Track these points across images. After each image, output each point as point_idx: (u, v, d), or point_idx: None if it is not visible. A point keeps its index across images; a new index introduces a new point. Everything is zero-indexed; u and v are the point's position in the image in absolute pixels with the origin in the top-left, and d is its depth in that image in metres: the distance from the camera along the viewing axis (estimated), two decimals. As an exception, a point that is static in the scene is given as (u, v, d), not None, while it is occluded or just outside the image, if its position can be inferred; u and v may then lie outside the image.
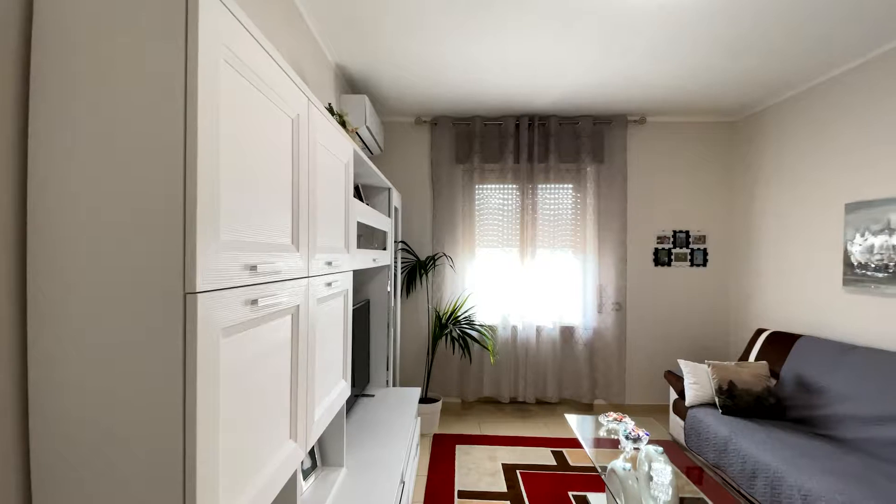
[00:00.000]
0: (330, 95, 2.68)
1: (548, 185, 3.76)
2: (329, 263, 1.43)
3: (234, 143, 0.81)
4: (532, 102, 3.40)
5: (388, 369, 2.80)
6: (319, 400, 1.35)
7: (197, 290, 0.69)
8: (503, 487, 2.47)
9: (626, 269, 3.77)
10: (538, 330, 3.71)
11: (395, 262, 3.10)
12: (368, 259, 2.18)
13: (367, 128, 2.81)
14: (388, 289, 2.84)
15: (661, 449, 2.08)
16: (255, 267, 0.88)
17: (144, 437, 0.69)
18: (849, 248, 2.71)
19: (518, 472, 2.66)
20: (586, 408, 3.79)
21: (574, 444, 3.09)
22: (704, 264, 3.85)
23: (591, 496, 2.39)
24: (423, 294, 3.77)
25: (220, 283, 0.75)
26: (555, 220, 3.77)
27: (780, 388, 2.79)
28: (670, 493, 1.86)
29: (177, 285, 0.68)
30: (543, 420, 3.52)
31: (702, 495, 2.31)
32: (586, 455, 2.91)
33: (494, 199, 3.77)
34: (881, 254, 2.51)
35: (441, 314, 3.36)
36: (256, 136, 0.90)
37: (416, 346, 3.78)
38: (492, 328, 3.39)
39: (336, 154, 1.54)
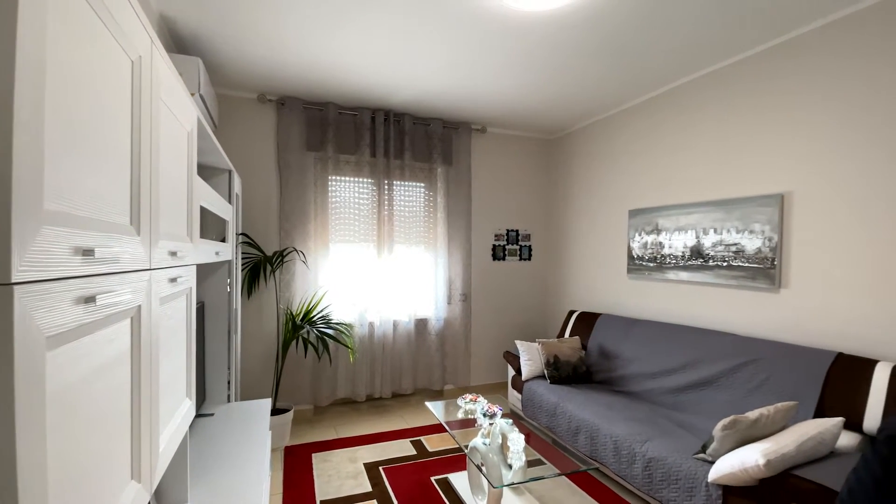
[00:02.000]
0: (149, 50, 2.16)
1: (403, 183, 3.81)
2: (173, 254, 1.15)
3: (63, 77, 0.57)
4: (389, 98, 3.39)
5: (229, 383, 2.42)
6: (164, 426, 1.07)
7: (12, 281, 0.46)
8: (368, 487, 2.40)
9: (471, 263, 4.10)
10: (395, 324, 3.73)
11: (237, 258, 2.70)
12: (211, 252, 1.84)
13: (201, 96, 2.36)
14: (229, 288, 2.45)
15: (510, 421, 2.33)
16: (92, 251, 0.64)
17: None
18: (631, 244, 3.50)
19: (381, 468, 2.62)
20: (437, 394, 3.99)
21: (430, 430, 3.20)
22: (530, 258, 4.46)
23: (451, 477, 2.52)
24: (268, 294, 3.38)
25: (42, 271, 0.52)
26: (410, 217, 3.85)
27: (588, 357, 3.42)
28: (523, 458, 2.08)
29: (-25, 272, 0.45)
30: (400, 413, 3.55)
31: (538, 455, 2.66)
32: (442, 440, 3.06)
33: (350, 192, 3.63)
34: (651, 249, 3.31)
35: (294, 314, 3.06)
36: (91, 74, 0.66)
37: (260, 353, 3.37)
38: (349, 326, 3.25)
39: (180, 119, 1.25)
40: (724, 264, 2.73)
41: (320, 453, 2.80)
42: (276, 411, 2.93)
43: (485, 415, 2.33)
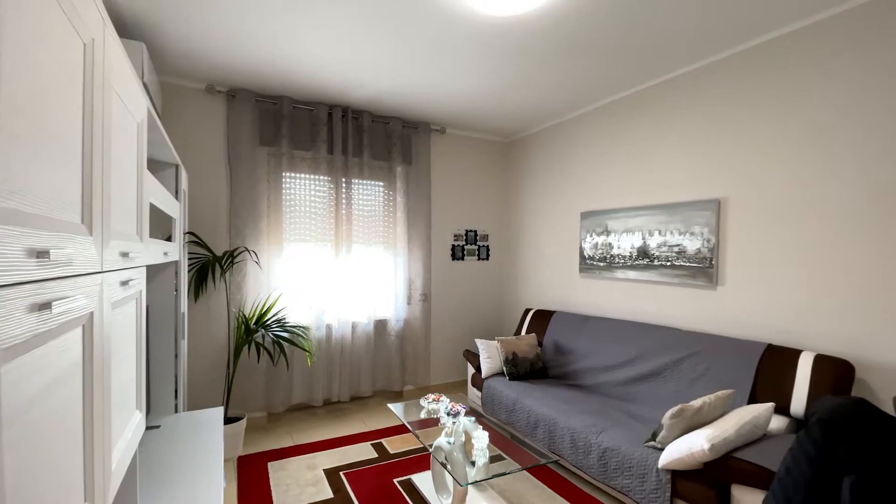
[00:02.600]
0: (84, 31, 1.97)
1: (362, 181, 3.74)
2: (125, 255, 1.06)
3: (13, 62, 0.52)
4: (348, 94, 3.31)
5: (176, 392, 2.26)
6: (116, 442, 0.99)
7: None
8: (329, 493, 2.34)
9: (430, 262, 4.11)
10: (354, 326, 3.65)
11: (184, 259, 2.53)
12: (160, 252, 1.71)
13: (145, 85, 2.19)
14: (175, 291, 2.29)
15: (473, 419, 2.36)
16: (47, 253, 0.58)
17: None
18: (583, 245, 3.66)
19: (341, 473, 2.56)
20: (397, 395, 3.96)
21: (391, 432, 3.17)
22: (488, 258, 4.54)
23: (414, 477, 2.51)
24: (218, 296, 3.19)
25: (-4, 276, 0.47)
26: (369, 216, 3.79)
27: (544, 354, 3.54)
28: (487, 455, 2.12)
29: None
30: (359, 416, 3.49)
31: (499, 451, 2.71)
32: (403, 441, 3.04)
33: (306, 189, 3.50)
34: (601, 249, 3.48)
35: (248, 318, 2.91)
36: (42, 58, 0.60)
37: (209, 359, 3.17)
38: (306, 329, 3.14)
39: (130, 108, 1.16)
40: (668, 264, 2.93)
41: (277, 462, 2.69)
42: (227, 420, 2.78)
43: (448, 414, 2.34)
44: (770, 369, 2.20)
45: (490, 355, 3.40)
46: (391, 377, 3.86)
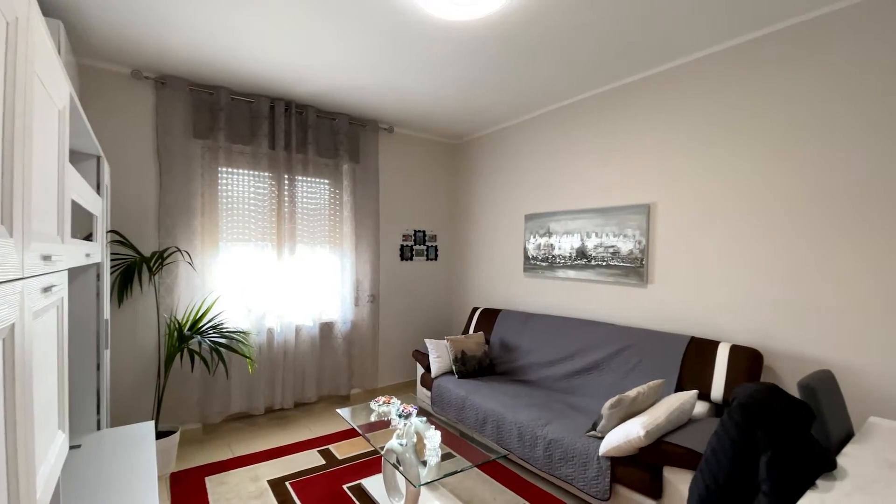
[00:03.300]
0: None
1: (306, 178, 3.60)
2: (47, 258, 0.96)
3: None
4: (292, 88, 3.18)
5: (98, 407, 2.05)
6: (39, 467, 0.88)
7: None
8: (274, 505, 2.24)
9: (379, 263, 4.06)
10: (298, 329, 3.51)
11: (106, 260, 2.29)
12: (81, 254, 1.55)
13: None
14: (97, 296, 2.07)
15: (424, 419, 2.38)
16: (-29, 260, 0.52)
17: None
18: (527, 245, 3.80)
19: (287, 483, 2.46)
20: (344, 400, 3.87)
21: (339, 437, 3.10)
22: (436, 258, 4.58)
23: (364, 482, 2.47)
24: (145, 301, 2.92)
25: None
26: (314, 215, 3.66)
27: (491, 351, 3.64)
28: (439, 454, 2.14)
29: None
30: (304, 422, 3.36)
31: (449, 450, 2.75)
32: (352, 446, 2.98)
33: (246, 186, 3.31)
34: (544, 250, 3.64)
35: (181, 323, 2.70)
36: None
37: (136, 369, 2.89)
38: (246, 334, 2.97)
39: (52, 94, 1.04)
40: (604, 263, 3.13)
41: (215, 476, 2.52)
42: (158, 434, 2.56)
43: (400, 415, 2.34)
44: (693, 359, 2.43)
45: (439, 355, 3.43)
46: (338, 381, 3.76)
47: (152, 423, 2.02)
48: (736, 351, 2.28)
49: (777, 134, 2.28)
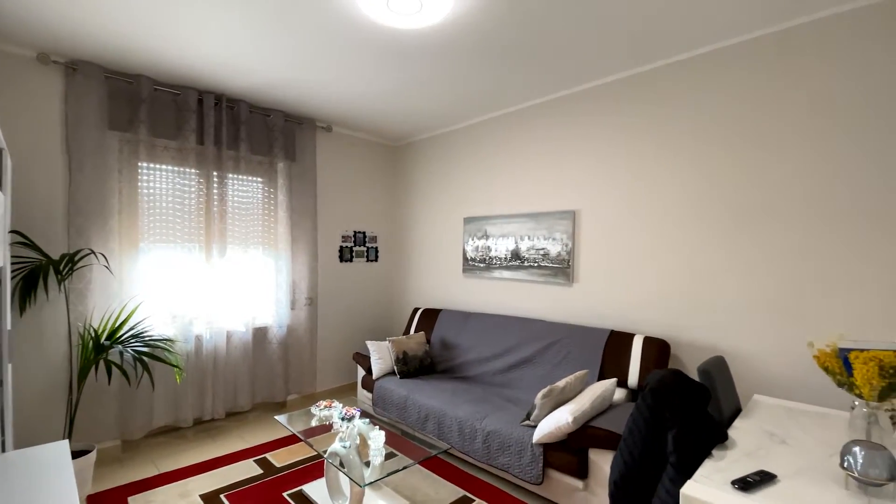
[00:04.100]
0: None
1: (238, 176, 3.44)
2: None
3: None
4: (223, 81, 3.02)
5: (1, 427, 1.83)
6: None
7: None
8: (209, 521, 2.14)
9: (317, 265, 3.98)
10: (229, 335, 3.34)
11: (6, 263, 2.04)
12: (-15, 260, 1.39)
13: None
14: (-5, 305, 1.85)
15: (367, 420, 2.41)
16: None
17: None
18: (465, 247, 3.95)
19: (222, 496, 2.35)
20: (280, 406, 3.75)
21: (276, 445, 3.01)
22: (377, 260, 4.58)
23: (305, 488, 2.44)
24: (53, 308, 2.61)
25: None
26: (247, 215, 3.50)
27: (432, 350, 3.73)
28: (383, 453, 2.19)
29: None
30: (238, 432, 3.22)
31: (392, 449, 2.80)
32: (290, 453, 2.92)
33: (170, 183, 3.09)
34: (481, 252, 3.81)
35: (98, 332, 2.46)
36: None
37: (43, 384, 2.57)
38: (171, 341, 2.78)
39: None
40: (536, 265, 3.36)
41: (139, 495, 2.34)
42: (72, 455, 2.32)
43: (343, 418, 2.35)
44: (613, 351, 2.71)
45: (381, 356, 3.46)
46: (273, 388, 3.64)
47: (66, 441, 1.85)
48: (648, 342, 2.59)
49: (684, 147, 2.61)
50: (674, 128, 2.64)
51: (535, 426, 2.37)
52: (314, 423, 2.50)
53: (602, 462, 2.09)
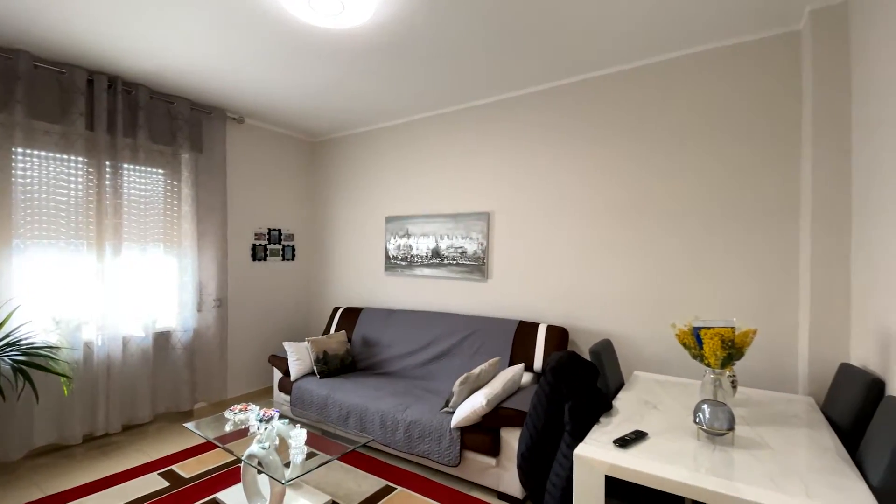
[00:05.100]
0: None
1: (136, 167, 3.14)
2: None
3: None
4: (118, 62, 2.76)
5: None
6: None
7: None
8: (108, 540, 1.97)
9: (227, 264, 3.77)
10: (125, 342, 3.04)
11: None
12: None
13: None
14: None
15: (287, 420, 2.39)
16: None
17: None
18: (387, 246, 4.03)
19: (123, 514, 2.18)
20: (186, 416, 3.49)
21: (184, 456, 2.82)
22: (293, 259, 4.46)
23: (220, 495, 2.35)
24: None
25: None
26: (146, 210, 3.21)
27: (353, 349, 3.75)
28: (305, 451, 2.20)
29: None
30: (137, 446, 2.95)
31: (312, 449, 2.80)
32: (200, 462, 2.76)
33: (53, 172, 2.73)
34: (403, 250, 3.92)
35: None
36: None
37: None
38: (55, 349, 2.47)
39: None
40: (454, 262, 3.55)
41: (16, 524, 2.08)
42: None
43: (261, 420, 2.30)
44: (521, 339, 2.99)
45: (300, 357, 3.40)
46: (178, 396, 3.38)
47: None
48: (551, 330, 2.90)
49: (578, 157, 2.96)
50: (570, 139, 2.99)
51: (453, 412, 2.54)
52: (228, 427, 2.41)
53: (511, 439, 2.32)
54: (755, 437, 1.56)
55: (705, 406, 1.55)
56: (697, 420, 1.55)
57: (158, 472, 2.61)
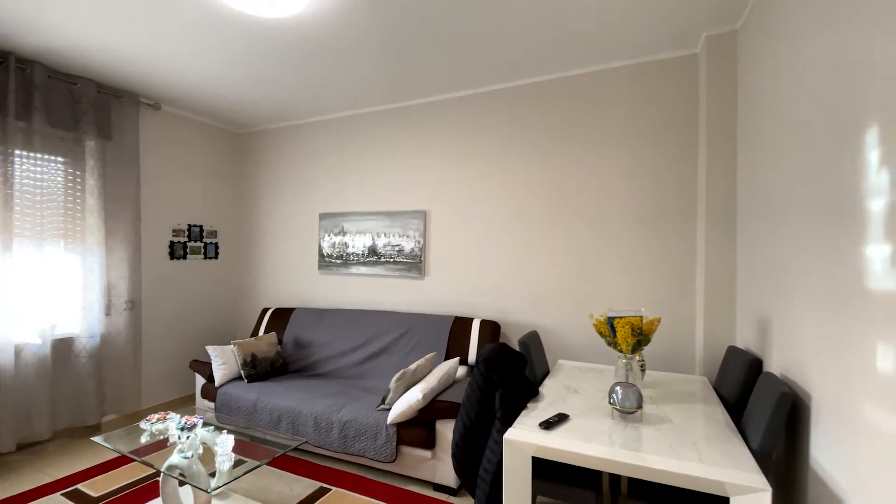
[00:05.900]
0: None
1: (31, 154, 2.78)
2: None
3: None
4: (12, 35, 2.43)
5: None
6: None
7: None
8: (-4, 574, 1.75)
9: (140, 262, 3.45)
10: (18, 351, 2.68)
11: None
12: None
13: None
14: None
15: (212, 427, 2.27)
16: None
17: None
18: (322, 244, 3.93)
19: (15, 543, 1.94)
20: (94, 430, 3.15)
21: (91, 473, 2.56)
22: (216, 257, 4.19)
23: (135, 512, 2.17)
24: None
25: None
26: (42, 202, 2.85)
27: (284, 350, 3.62)
28: (233, 458, 2.10)
29: None
30: (35, 465, 2.62)
31: (240, 456, 2.68)
32: (110, 479, 2.53)
33: (-82, 158, 2.34)
34: (338, 248, 3.85)
35: None
36: None
37: None
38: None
39: None
40: (392, 260, 3.56)
41: None
42: None
43: (182, 428, 2.16)
44: (457, 333, 3.08)
45: (225, 361, 3.21)
46: (83, 409, 3.05)
47: None
48: (484, 324, 3.02)
49: (508, 159, 3.11)
50: (500, 143, 3.13)
51: (389, 409, 2.55)
52: (145, 439, 2.23)
53: (446, 431, 2.39)
54: (660, 414, 1.76)
55: (618, 388, 1.72)
56: (612, 401, 1.72)
57: (62, 492, 2.35)
